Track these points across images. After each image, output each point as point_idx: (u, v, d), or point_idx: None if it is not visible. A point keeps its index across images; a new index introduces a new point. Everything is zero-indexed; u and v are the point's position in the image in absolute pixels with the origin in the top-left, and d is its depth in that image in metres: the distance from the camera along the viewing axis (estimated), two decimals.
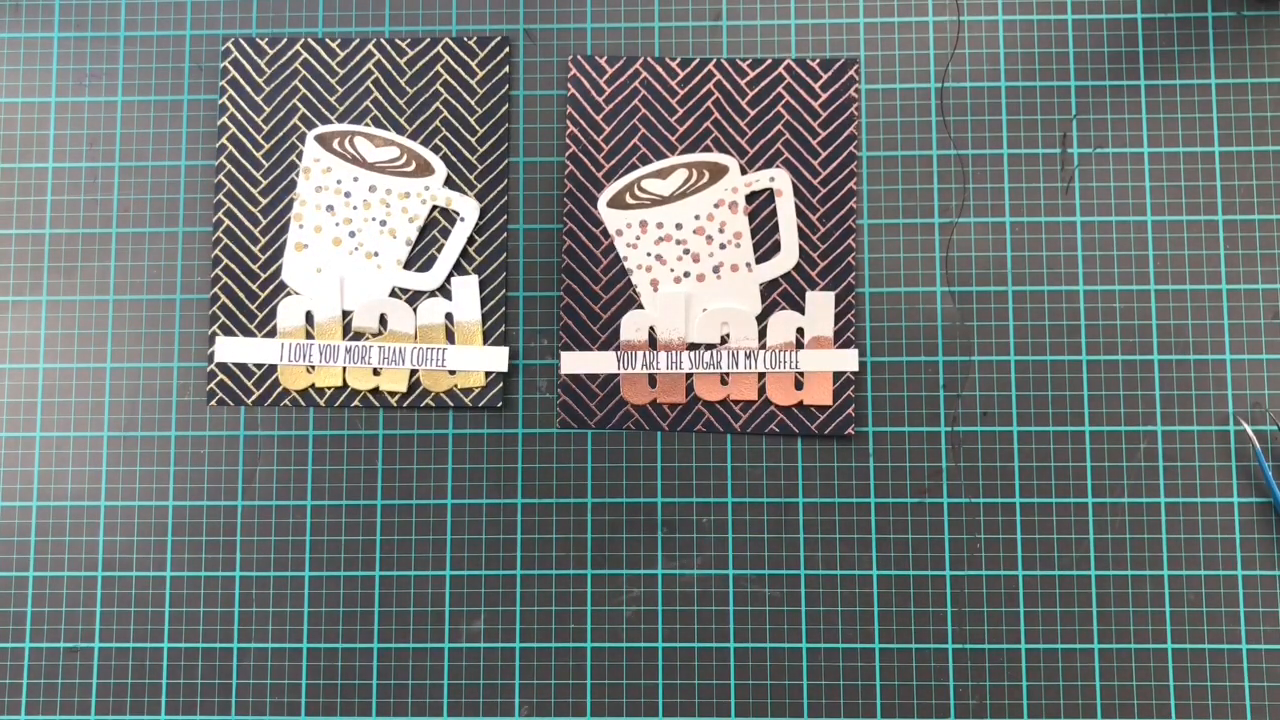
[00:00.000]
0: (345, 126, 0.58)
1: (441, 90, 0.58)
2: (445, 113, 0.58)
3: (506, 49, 0.58)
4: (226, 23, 0.59)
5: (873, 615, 0.55)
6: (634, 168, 0.57)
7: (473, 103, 0.58)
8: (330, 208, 0.57)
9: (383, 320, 0.56)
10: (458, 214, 0.57)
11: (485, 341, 0.56)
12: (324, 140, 0.57)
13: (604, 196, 0.57)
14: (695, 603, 0.55)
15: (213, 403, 0.56)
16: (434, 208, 0.57)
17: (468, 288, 0.56)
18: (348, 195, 0.57)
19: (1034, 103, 0.57)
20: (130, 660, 0.55)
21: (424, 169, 0.57)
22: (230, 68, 0.58)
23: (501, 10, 0.59)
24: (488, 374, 0.56)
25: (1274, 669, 0.54)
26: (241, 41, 0.58)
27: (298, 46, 0.58)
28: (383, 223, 0.57)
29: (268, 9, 0.59)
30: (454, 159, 0.57)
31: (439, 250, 0.57)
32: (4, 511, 0.56)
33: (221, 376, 0.56)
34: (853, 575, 0.55)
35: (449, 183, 0.57)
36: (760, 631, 0.55)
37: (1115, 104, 0.57)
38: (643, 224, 0.56)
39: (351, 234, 0.57)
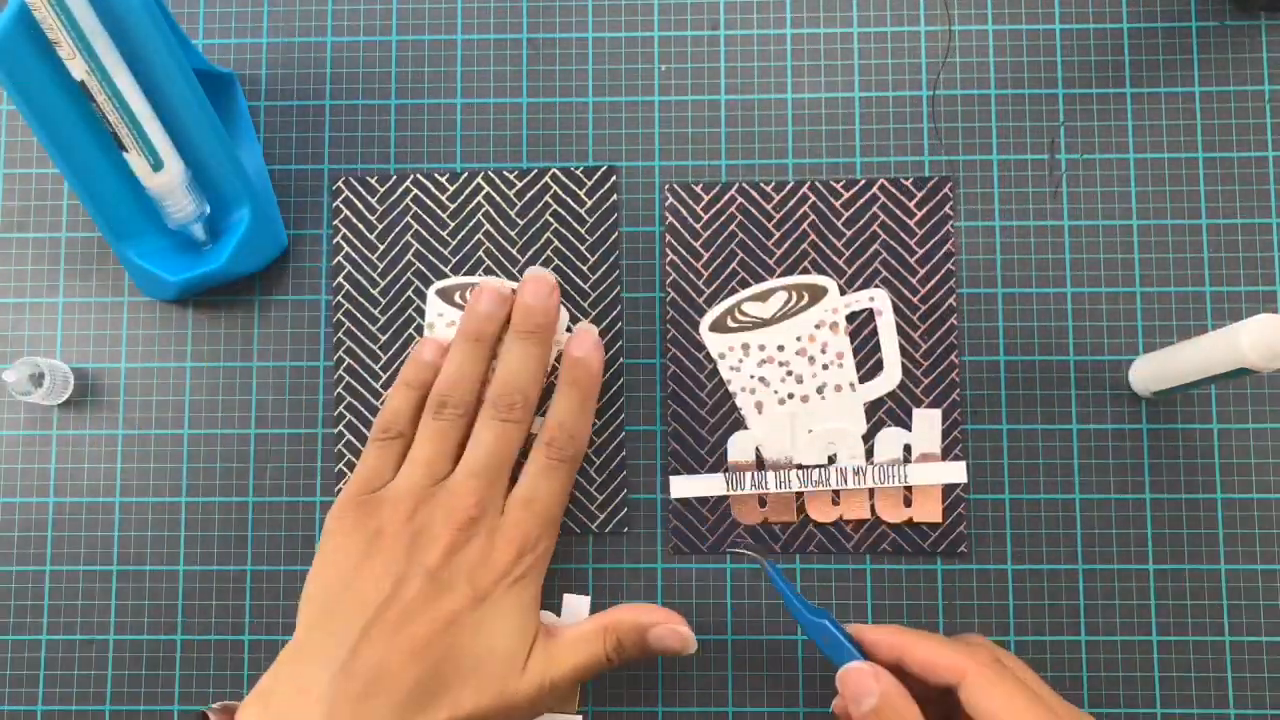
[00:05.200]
0: (465, 279, 0.54)
1: (552, 220, 0.55)
2: (557, 242, 0.55)
3: (613, 178, 0.55)
4: (238, 32, 0.57)
5: (866, 608, 0.53)
6: (734, 291, 0.54)
7: (583, 231, 0.55)
8: None
9: None
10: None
11: (603, 473, 0.54)
12: (445, 294, 0.54)
13: (705, 320, 0.54)
14: (693, 596, 0.54)
15: None
16: (559, 353, 0.54)
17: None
18: None
19: (1023, 110, 0.56)
20: (144, 652, 0.53)
21: None
22: (342, 206, 0.55)
23: (505, 20, 0.57)
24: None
25: (1255, 660, 0.52)
26: (352, 180, 0.55)
27: (407, 183, 0.55)
28: None
29: (278, 19, 0.57)
30: (567, 287, 0.54)
31: None
32: (21, 508, 0.55)
33: None
34: (846, 569, 0.54)
35: (569, 325, 0.54)
36: (756, 624, 0.54)
37: (1101, 111, 0.56)
38: (745, 346, 0.53)
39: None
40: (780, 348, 0.54)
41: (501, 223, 0.55)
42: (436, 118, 0.56)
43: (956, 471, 0.53)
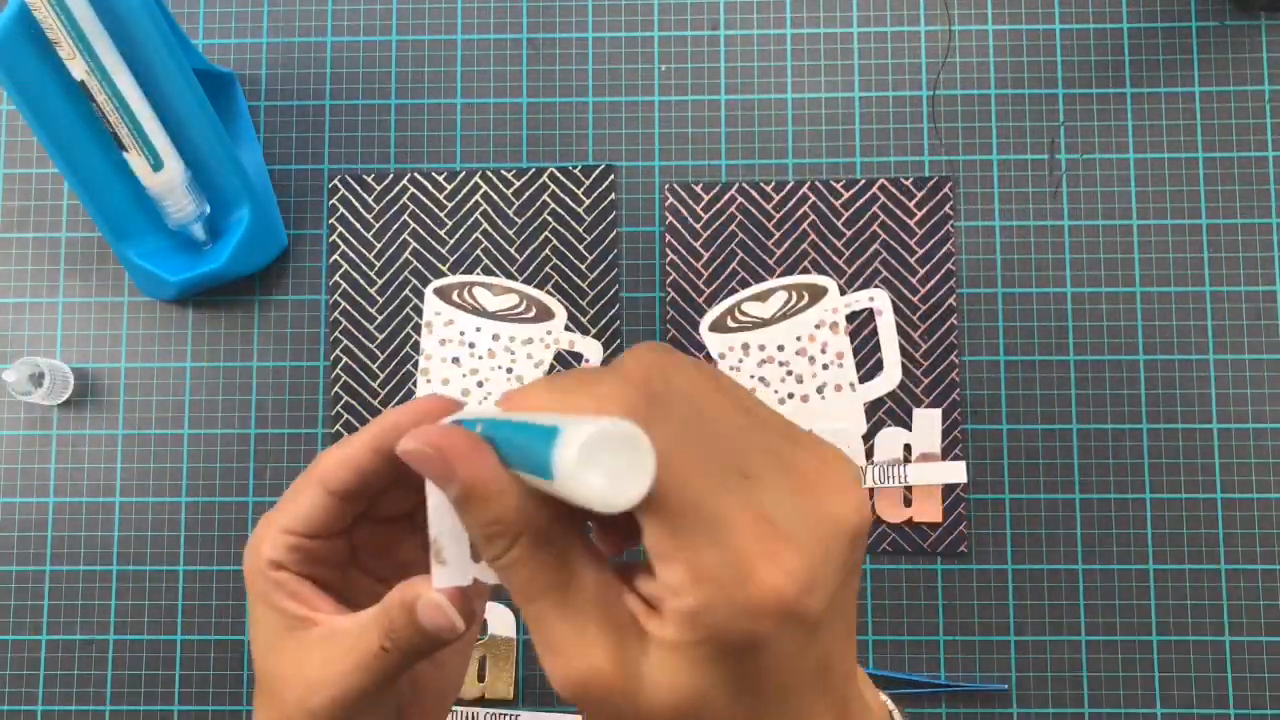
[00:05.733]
0: (463, 278, 0.54)
1: (550, 220, 0.54)
2: (555, 241, 0.54)
3: (611, 177, 0.54)
4: (238, 32, 0.57)
5: (866, 608, 0.53)
6: (734, 291, 0.54)
7: (581, 230, 0.54)
8: (455, 359, 0.54)
9: None
10: (582, 356, 0.54)
11: None
12: (443, 293, 0.54)
13: (705, 321, 0.54)
14: None
15: None
16: (558, 351, 0.54)
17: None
18: (472, 346, 0.54)
19: (1023, 110, 0.55)
20: (144, 652, 0.52)
21: (544, 314, 0.54)
22: (339, 205, 0.55)
23: (505, 20, 0.57)
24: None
25: (1255, 659, 0.52)
26: (349, 179, 0.55)
27: (405, 182, 0.55)
28: (509, 370, 0.54)
29: (278, 19, 0.57)
30: (566, 286, 0.54)
31: None
32: (21, 508, 0.54)
33: None
34: None
35: (569, 323, 0.54)
36: None
37: (1101, 111, 0.55)
38: (745, 346, 0.53)
39: (479, 384, 0.53)
40: (780, 348, 0.54)
41: (500, 221, 0.55)
42: (436, 118, 0.56)
43: (956, 471, 0.53)
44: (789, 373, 0.53)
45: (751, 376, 0.53)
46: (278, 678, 0.33)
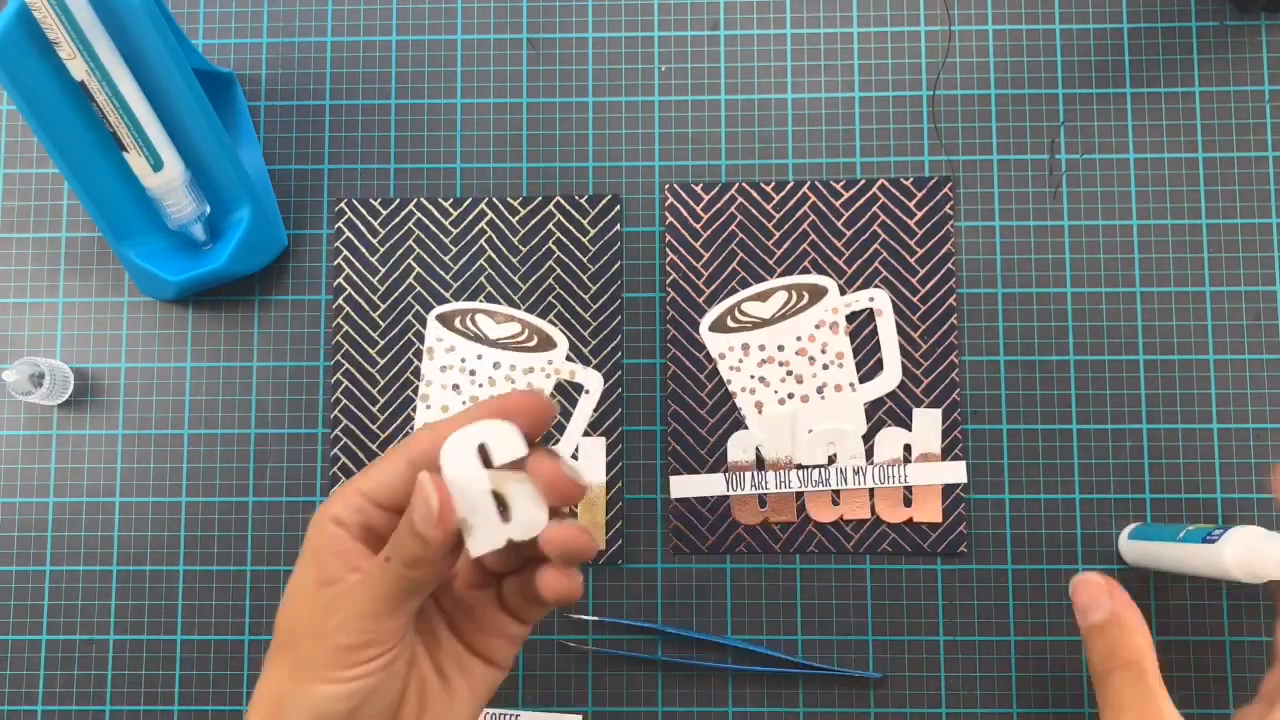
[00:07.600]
0: (466, 305, 0.54)
1: (555, 249, 0.54)
2: (559, 270, 0.54)
3: (617, 208, 0.54)
4: (238, 32, 0.57)
5: (865, 608, 0.53)
6: (734, 291, 0.54)
7: (585, 260, 0.54)
8: (456, 386, 0.54)
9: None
10: (582, 386, 0.54)
11: (609, 494, 0.53)
12: (445, 319, 0.54)
13: (705, 320, 0.54)
14: (693, 596, 0.54)
15: None
16: (558, 382, 0.54)
17: (595, 450, 0.53)
18: (472, 373, 0.54)
19: (1023, 110, 0.55)
20: (144, 652, 0.53)
21: (546, 343, 0.54)
22: (344, 228, 0.55)
23: (505, 20, 0.57)
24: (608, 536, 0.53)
25: (1255, 660, 0.52)
26: (355, 203, 0.55)
27: (410, 207, 0.55)
28: None
29: (278, 19, 0.57)
30: (568, 315, 0.54)
31: (566, 419, 0.54)
32: (21, 508, 0.54)
33: None
34: (847, 569, 0.54)
35: (570, 354, 0.54)
36: (757, 624, 0.53)
37: (1102, 111, 0.55)
38: (745, 347, 0.53)
39: None
40: (780, 348, 0.54)
41: (504, 249, 0.55)
42: (436, 118, 0.56)
43: (956, 471, 0.53)
44: (789, 373, 0.53)
45: (751, 376, 0.53)
46: (298, 629, 0.35)
